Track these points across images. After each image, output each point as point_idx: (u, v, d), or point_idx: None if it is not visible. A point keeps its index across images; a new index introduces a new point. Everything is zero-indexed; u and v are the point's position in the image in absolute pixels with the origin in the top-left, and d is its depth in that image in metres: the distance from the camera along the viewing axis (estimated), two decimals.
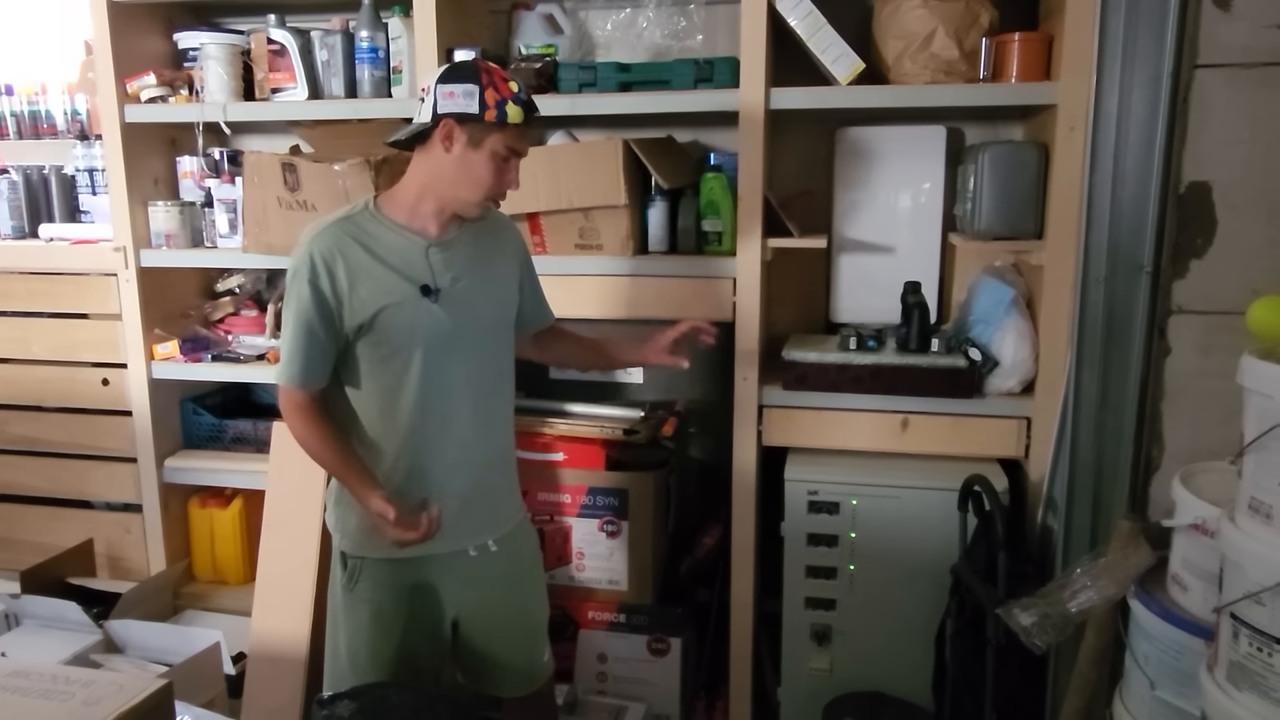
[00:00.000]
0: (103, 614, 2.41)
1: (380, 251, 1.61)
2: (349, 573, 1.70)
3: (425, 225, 1.65)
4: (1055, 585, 1.70)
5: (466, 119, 1.56)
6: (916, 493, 2.19)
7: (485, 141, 1.57)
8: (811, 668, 2.30)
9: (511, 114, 1.55)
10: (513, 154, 1.60)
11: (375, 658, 1.68)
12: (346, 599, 1.71)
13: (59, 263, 2.71)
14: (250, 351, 2.71)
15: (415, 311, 1.60)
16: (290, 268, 1.60)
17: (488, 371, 1.71)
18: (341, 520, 1.72)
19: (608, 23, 2.47)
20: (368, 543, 1.68)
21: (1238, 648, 1.31)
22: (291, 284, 1.59)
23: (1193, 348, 1.80)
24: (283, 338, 1.62)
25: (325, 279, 1.57)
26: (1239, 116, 1.73)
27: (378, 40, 2.42)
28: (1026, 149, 2.15)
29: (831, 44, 2.12)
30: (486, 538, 1.73)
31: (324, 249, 1.58)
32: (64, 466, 2.79)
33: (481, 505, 1.73)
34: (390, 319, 1.59)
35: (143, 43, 2.64)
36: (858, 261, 2.50)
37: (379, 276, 1.59)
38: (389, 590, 1.68)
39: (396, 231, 1.63)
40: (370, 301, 1.58)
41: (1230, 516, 1.37)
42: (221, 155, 2.73)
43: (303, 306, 1.57)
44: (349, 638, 1.70)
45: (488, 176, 1.59)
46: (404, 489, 1.65)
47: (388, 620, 1.68)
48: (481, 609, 1.76)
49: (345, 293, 1.58)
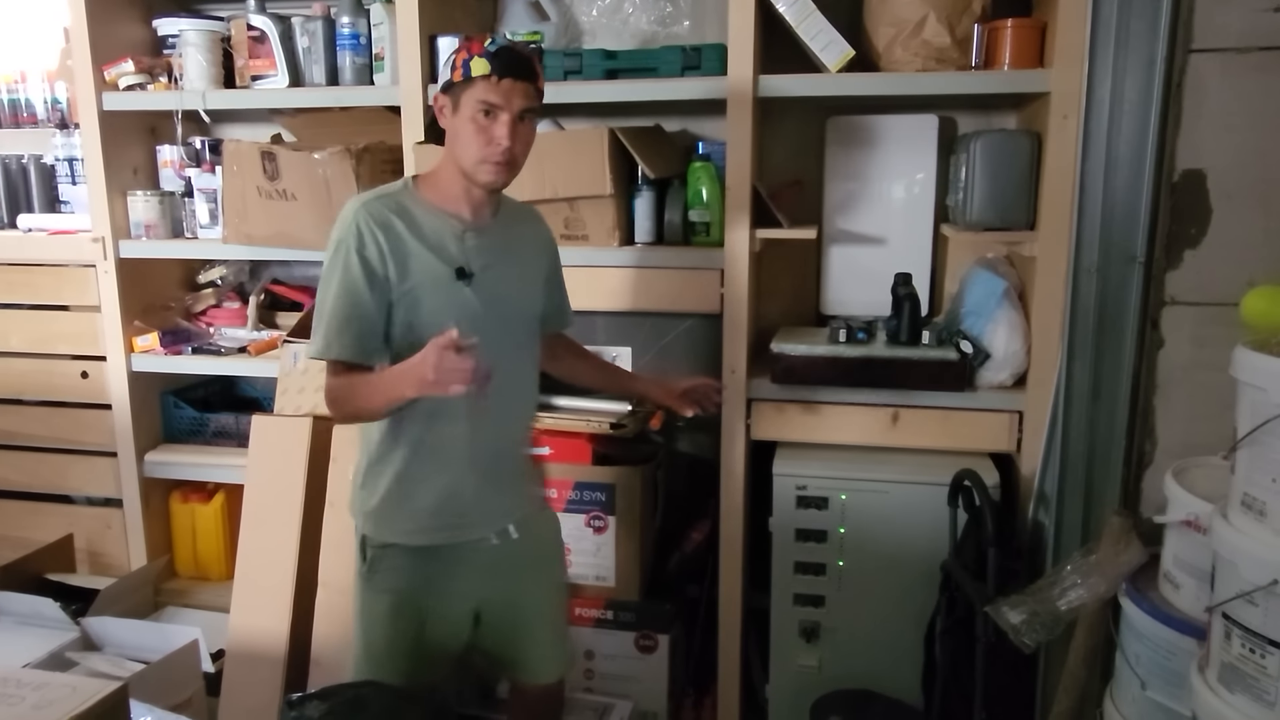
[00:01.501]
0: (81, 611, 2.38)
1: (418, 230, 1.59)
2: (368, 562, 1.68)
3: (458, 208, 1.63)
4: (1045, 583, 1.67)
5: (447, 87, 1.57)
6: (907, 487, 2.16)
7: (460, 102, 1.55)
8: (800, 664, 2.27)
9: (475, 67, 1.52)
10: (490, 108, 1.53)
11: (391, 649, 1.67)
12: (365, 588, 1.69)
13: (37, 254, 2.67)
14: (232, 344, 2.68)
15: (448, 293, 1.58)
16: (333, 239, 1.57)
17: (513, 359, 1.69)
18: (364, 502, 1.68)
19: (593, 9, 2.42)
20: (389, 526, 1.66)
21: (1230, 649, 1.28)
22: (335, 255, 1.56)
23: (1186, 340, 1.77)
24: (321, 310, 1.57)
25: (373, 248, 1.54)
26: (1234, 102, 1.69)
27: (359, 26, 2.38)
28: (1018, 138, 2.11)
29: (821, 30, 2.08)
30: (507, 524, 1.71)
31: (370, 219, 1.55)
32: (43, 460, 2.75)
33: (503, 492, 1.71)
34: (422, 299, 1.57)
35: (121, 29, 2.59)
36: (848, 253, 2.47)
37: (417, 254, 1.57)
38: (407, 580, 1.66)
39: (433, 213, 1.62)
40: (405, 279, 1.56)
41: (1223, 513, 1.33)
42: (203, 144, 2.70)
43: (352, 275, 1.53)
44: (366, 628, 1.69)
45: (472, 137, 1.55)
46: (423, 473, 1.63)
47: (405, 612, 1.66)
48: (505, 597, 1.75)
49: (392, 263, 1.55)
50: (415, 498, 1.63)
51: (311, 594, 2.25)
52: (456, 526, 1.65)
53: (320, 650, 2.23)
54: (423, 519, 1.64)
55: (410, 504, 1.63)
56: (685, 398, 1.92)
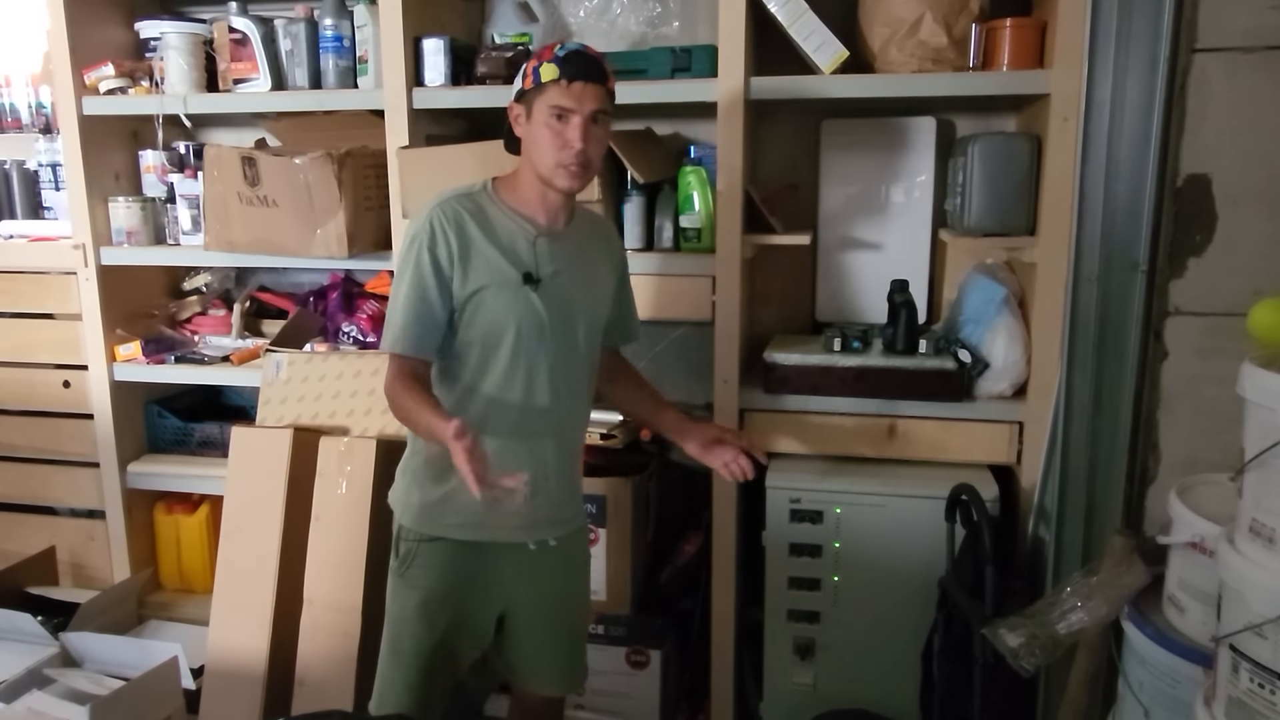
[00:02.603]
0: (62, 625, 2.34)
1: (491, 232, 1.61)
2: (402, 557, 1.69)
3: (534, 213, 1.65)
4: (1044, 604, 1.61)
5: (520, 96, 1.61)
6: (904, 501, 2.10)
7: (534, 109, 1.58)
8: (794, 682, 2.21)
9: (545, 72, 1.55)
10: (563, 112, 1.55)
11: (417, 645, 1.68)
12: (397, 584, 1.71)
13: (17, 261, 2.62)
14: (216, 352, 2.63)
15: (514, 297, 1.60)
16: (408, 234, 1.61)
17: (572, 369, 1.70)
18: (406, 493, 1.70)
19: (581, 10, 2.37)
20: (430, 519, 1.67)
21: (1237, 683, 1.22)
22: (409, 250, 1.59)
23: (1191, 351, 1.72)
24: (393, 304, 1.61)
25: (444, 248, 1.58)
26: (1241, 104, 1.64)
27: (343, 29, 2.33)
28: (1018, 141, 2.05)
29: (814, 31, 2.03)
30: (548, 534, 1.72)
31: (445, 218, 1.59)
32: (25, 471, 2.71)
33: (548, 501, 1.71)
34: (488, 300, 1.59)
35: (102, 32, 2.54)
36: (843, 259, 2.41)
37: (488, 256, 1.60)
38: (441, 576, 1.67)
39: (509, 216, 1.64)
40: (474, 279, 1.59)
41: (1230, 539, 1.27)
42: (186, 149, 2.65)
43: (422, 272, 1.58)
44: (395, 623, 1.71)
45: (547, 142, 1.57)
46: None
47: (434, 609, 1.67)
48: (532, 604, 1.76)
49: (458, 265, 1.58)
50: (464, 492, 1.58)
51: (295, 611, 2.20)
52: (503, 526, 1.66)
53: (305, 669, 2.18)
54: (468, 514, 1.64)
55: (462, 497, 1.61)
56: (712, 453, 1.80)
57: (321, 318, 2.61)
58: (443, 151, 2.23)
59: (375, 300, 2.61)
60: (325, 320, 2.60)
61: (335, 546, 2.18)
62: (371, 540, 2.14)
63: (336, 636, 2.15)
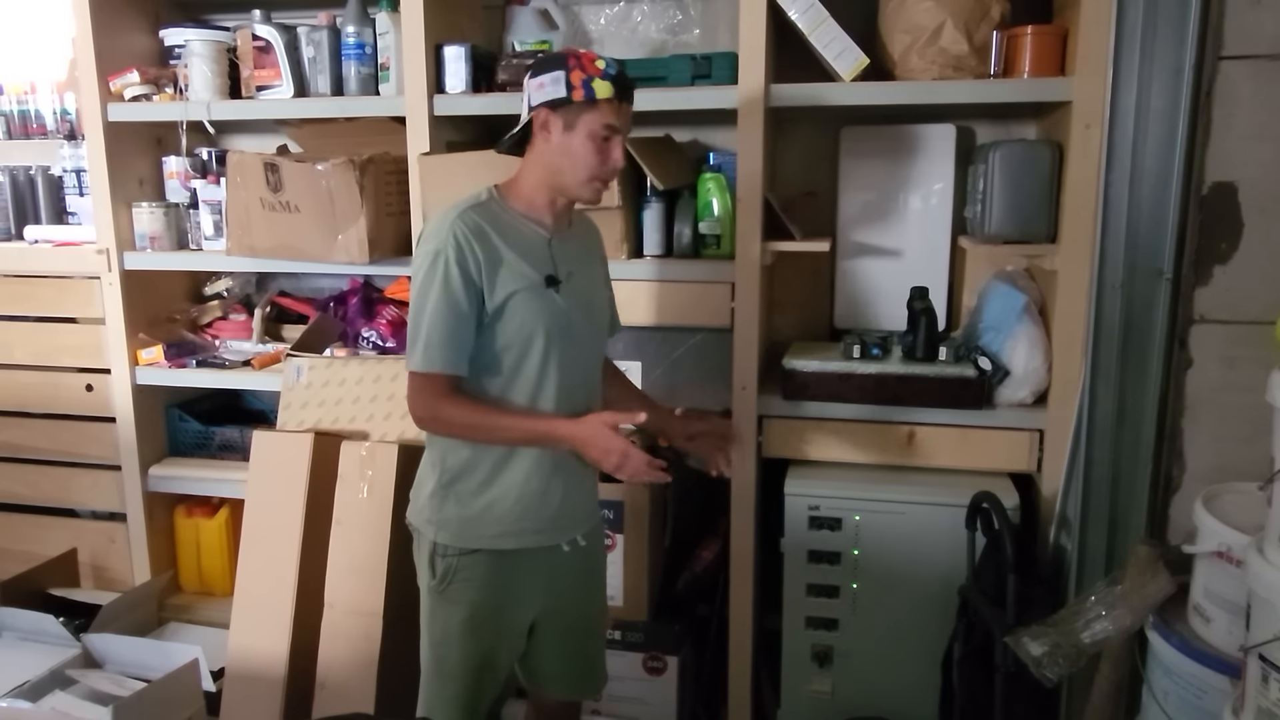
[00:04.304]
0: (84, 626, 2.36)
1: (510, 239, 1.61)
2: (441, 575, 1.66)
3: (542, 217, 1.66)
4: (1068, 613, 1.60)
5: (558, 104, 1.56)
6: (923, 508, 2.09)
7: (579, 122, 1.57)
8: (812, 690, 2.21)
9: (600, 90, 1.54)
10: (610, 131, 1.58)
11: (465, 662, 1.67)
12: (437, 602, 1.68)
13: (42, 265, 2.65)
14: (237, 357, 2.65)
15: (541, 300, 1.61)
16: (429, 249, 1.57)
17: (592, 365, 1.73)
18: (439, 510, 1.66)
19: (602, 17, 2.38)
20: (474, 531, 1.65)
21: (1267, 693, 1.21)
22: (433, 266, 1.55)
23: (1216, 359, 1.70)
24: (418, 322, 1.57)
25: (471, 259, 1.56)
26: (1267, 112, 1.63)
27: (365, 36, 2.35)
28: (1039, 148, 2.04)
29: (834, 38, 2.03)
30: (578, 533, 1.73)
31: (466, 230, 1.57)
32: (47, 474, 2.73)
33: (579, 500, 1.72)
34: (518, 306, 1.59)
35: (127, 39, 2.57)
36: (863, 266, 2.41)
37: (510, 263, 1.59)
38: (483, 590, 1.65)
39: (521, 221, 1.64)
40: (502, 287, 1.58)
41: (1259, 548, 1.26)
42: (209, 155, 2.67)
43: (452, 287, 1.54)
44: (438, 643, 1.69)
45: (589, 157, 1.58)
46: (513, 477, 1.64)
47: (479, 622, 1.66)
48: (560, 609, 1.76)
49: (486, 274, 1.57)
50: (506, 500, 1.64)
51: (315, 614, 2.20)
52: (541, 531, 1.67)
53: (326, 672, 2.18)
54: (508, 523, 1.64)
55: (502, 506, 1.64)
56: (695, 444, 1.81)
57: (341, 323, 2.62)
58: (463, 158, 2.24)
59: (394, 305, 2.63)
60: (345, 325, 2.62)
61: (357, 550, 2.18)
62: (393, 544, 2.14)
63: (358, 640, 2.15)
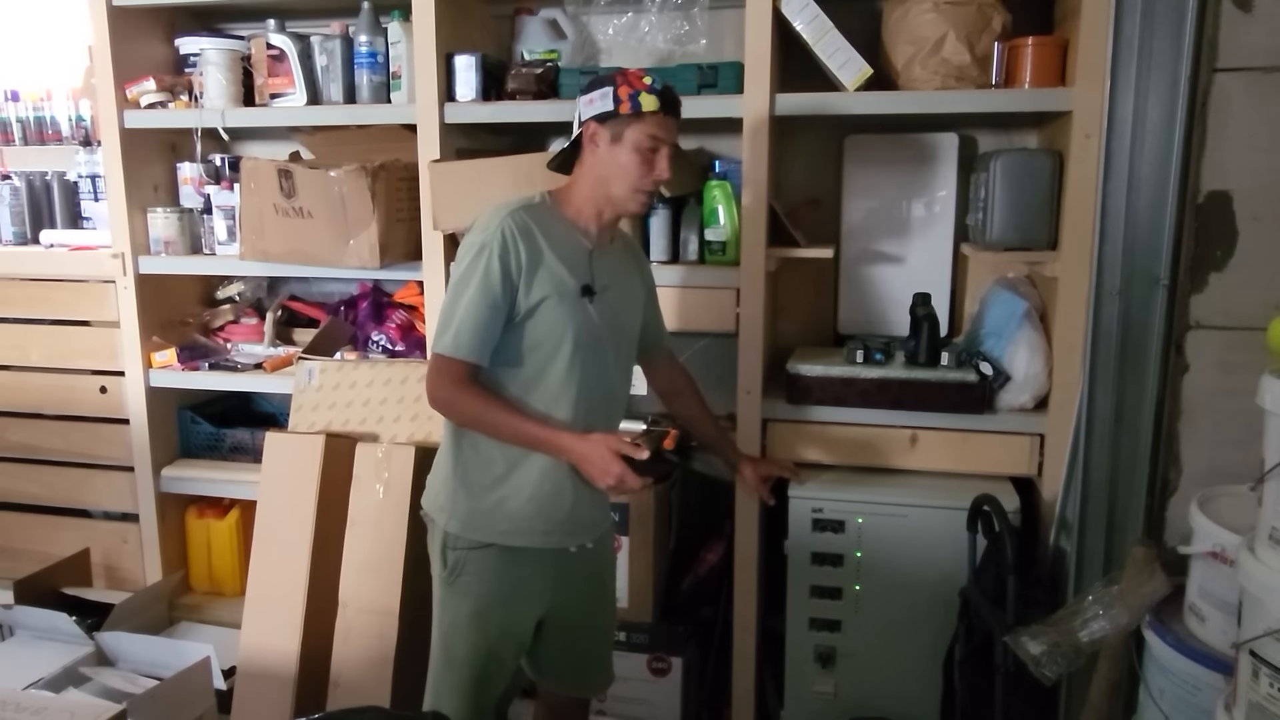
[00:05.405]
0: (96, 625, 2.39)
1: (555, 244, 1.65)
2: (451, 566, 1.70)
3: (588, 227, 1.70)
4: (1066, 613, 1.63)
5: (606, 117, 1.62)
6: (925, 511, 2.12)
7: (626, 134, 1.62)
8: (816, 690, 2.23)
9: (646, 103, 1.60)
10: (657, 143, 1.62)
11: (472, 652, 1.70)
12: (447, 593, 1.72)
13: (58, 269, 2.69)
14: (249, 360, 2.68)
15: (573, 308, 1.64)
16: (475, 241, 1.61)
17: (615, 378, 1.76)
18: (452, 500, 1.70)
19: (610, 27, 2.42)
20: (481, 526, 1.68)
21: (1258, 688, 1.24)
22: (477, 257, 1.60)
23: (1212, 365, 1.73)
24: (453, 308, 1.61)
25: (514, 257, 1.60)
26: (1261, 122, 1.66)
27: (377, 45, 2.39)
28: (1040, 157, 2.08)
29: (839, 49, 2.07)
30: (587, 539, 1.77)
31: (515, 228, 1.61)
32: (61, 474, 2.77)
33: (590, 506, 1.75)
34: (550, 310, 1.62)
35: (144, 48, 2.61)
36: (866, 272, 2.44)
37: (551, 267, 1.63)
38: (491, 583, 1.69)
39: (569, 229, 1.69)
40: (539, 289, 1.62)
41: (1250, 547, 1.29)
42: (223, 161, 2.71)
43: (490, 281, 1.59)
44: (446, 633, 1.73)
45: (635, 168, 1.63)
46: (529, 475, 1.67)
47: (486, 615, 1.70)
48: (568, 608, 1.79)
49: (525, 275, 1.61)
50: (518, 498, 1.67)
51: (328, 614, 2.23)
52: (550, 532, 1.70)
53: (340, 671, 2.21)
54: (519, 520, 1.67)
55: (514, 503, 1.67)
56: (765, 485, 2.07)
57: (352, 327, 2.66)
58: (473, 165, 2.28)
59: (404, 310, 2.67)
60: (355, 329, 2.66)
61: (372, 550, 2.21)
62: (409, 544, 2.17)
63: (372, 639, 2.18)
